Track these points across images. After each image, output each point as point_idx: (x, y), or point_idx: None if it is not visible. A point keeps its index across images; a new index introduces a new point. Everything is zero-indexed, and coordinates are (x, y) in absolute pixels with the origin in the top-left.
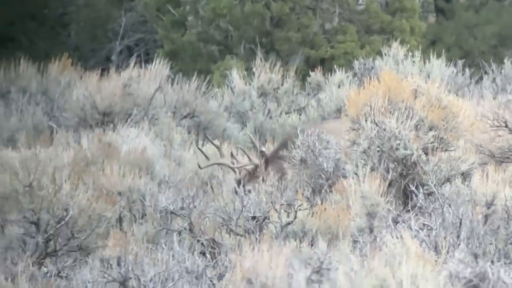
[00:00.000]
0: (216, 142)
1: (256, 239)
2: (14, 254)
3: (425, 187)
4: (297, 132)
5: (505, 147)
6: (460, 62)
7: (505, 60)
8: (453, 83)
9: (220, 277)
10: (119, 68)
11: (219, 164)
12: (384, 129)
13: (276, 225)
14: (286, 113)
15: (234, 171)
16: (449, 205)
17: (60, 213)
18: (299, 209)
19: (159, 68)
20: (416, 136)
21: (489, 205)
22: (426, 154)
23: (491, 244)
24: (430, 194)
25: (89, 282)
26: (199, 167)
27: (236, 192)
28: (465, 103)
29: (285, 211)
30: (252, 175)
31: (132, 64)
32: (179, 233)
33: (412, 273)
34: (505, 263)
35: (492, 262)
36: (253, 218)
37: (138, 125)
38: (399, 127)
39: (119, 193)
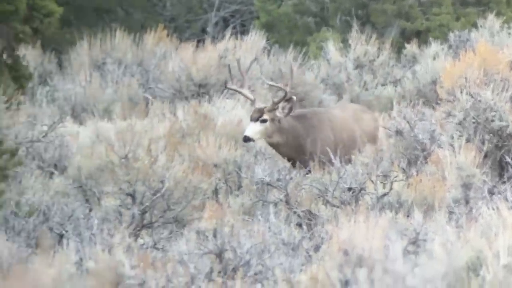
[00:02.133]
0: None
1: (352, 210)
2: (111, 225)
3: None
4: None
5: None
6: None
7: None
8: None
9: (317, 248)
10: (214, 39)
11: (240, 92)
12: (480, 101)
13: (372, 196)
14: (382, 85)
15: (252, 101)
16: None
17: (156, 185)
18: (395, 180)
19: (255, 39)
20: None
21: None
22: None
23: None
24: None
25: (185, 254)
26: (225, 86)
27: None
28: None
29: (381, 183)
30: (274, 104)
31: (227, 35)
32: (275, 204)
33: (509, 244)
34: None
35: None
36: (349, 189)
37: (234, 97)
38: (494, 98)
39: (215, 165)
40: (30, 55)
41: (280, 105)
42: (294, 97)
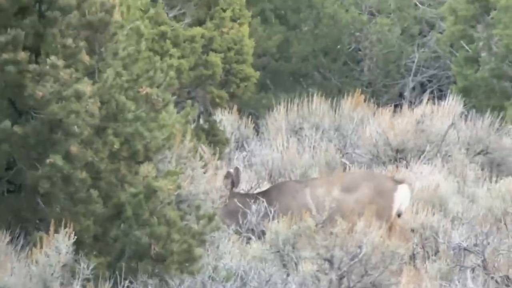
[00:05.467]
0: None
1: None
2: None
3: None
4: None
5: None
6: None
7: None
8: None
9: None
10: (412, 104)
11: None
12: None
13: None
14: None
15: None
16: None
17: (354, 250)
18: None
19: (452, 104)
20: None
21: None
22: None
23: None
24: None
25: None
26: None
27: None
28: None
29: None
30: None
31: (425, 100)
32: (473, 270)
33: None
34: None
35: None
36: None
37: (431, 162)
38: None
39: (412, 230)
40: (226, 120)
41: (223, 183)
42: (230, 170)
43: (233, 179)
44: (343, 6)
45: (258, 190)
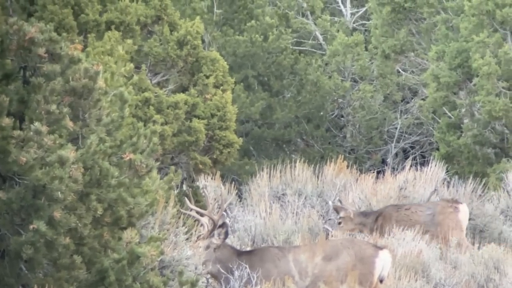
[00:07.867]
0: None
1: None
2: None
3: None
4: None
5: None
6: None
7: None
8: None
9: None
10: (394, 170)
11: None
12: None
13: None
14: None
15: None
16: None
17: None
18: None
19: (435, 170)
20: None
21: None
22: None
23: None
24: None
25: None
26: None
27: None
28: None
29: None
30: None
31: (407, 166)
32: None
33: None
34: None
35: None
36: None
37: (414, 228)
38: None
39: None
40: (210, 186)
41: (216, 232)
42: (227, 221)
43: (227, 230)
44: (326, 73)
45: (245, 249)
